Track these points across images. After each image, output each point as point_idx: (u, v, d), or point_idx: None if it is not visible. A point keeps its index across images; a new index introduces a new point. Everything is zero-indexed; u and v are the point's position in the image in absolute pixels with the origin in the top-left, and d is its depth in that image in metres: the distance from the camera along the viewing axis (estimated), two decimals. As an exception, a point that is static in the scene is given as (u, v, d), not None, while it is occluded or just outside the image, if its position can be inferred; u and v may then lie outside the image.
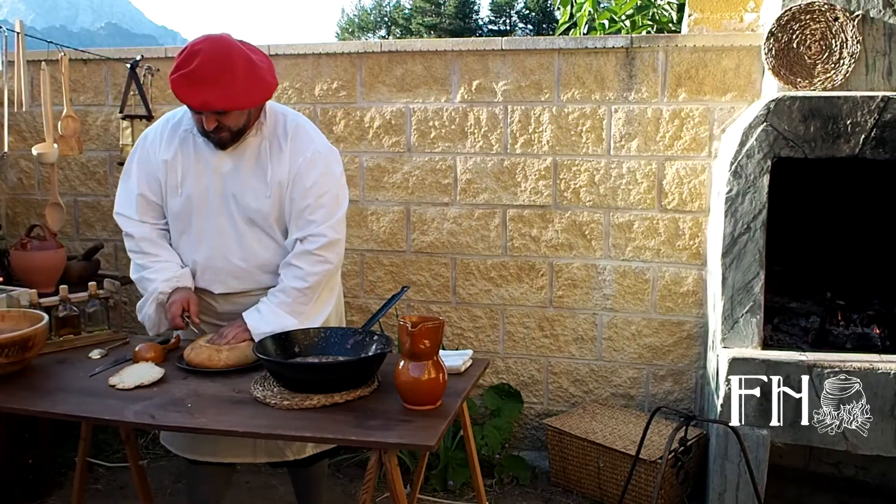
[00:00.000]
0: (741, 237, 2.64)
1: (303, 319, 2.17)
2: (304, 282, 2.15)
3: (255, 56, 2.07)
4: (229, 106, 2.01)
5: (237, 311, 2.22)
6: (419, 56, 3.38)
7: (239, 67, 1.99)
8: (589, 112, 3.25)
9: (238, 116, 2.07)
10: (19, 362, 1.94)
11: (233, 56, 2.00)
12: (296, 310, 2.16)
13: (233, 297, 2.27)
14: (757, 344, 2.64)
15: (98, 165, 3.77)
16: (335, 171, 2.23)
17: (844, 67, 2.68)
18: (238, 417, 1.73)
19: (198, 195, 2.19)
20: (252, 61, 2.04)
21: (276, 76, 2.14)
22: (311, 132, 2.24)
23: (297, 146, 2.17)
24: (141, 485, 2.45)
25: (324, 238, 2.15)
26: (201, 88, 1.97)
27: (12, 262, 3.10)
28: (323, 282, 2.20)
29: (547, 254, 3.36)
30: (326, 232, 2.15)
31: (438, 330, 1.73)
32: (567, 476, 3.11)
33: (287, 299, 2.15)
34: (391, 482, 1.68)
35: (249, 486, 3.14)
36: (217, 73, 1.96)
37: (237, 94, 1.99)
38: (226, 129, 2.08)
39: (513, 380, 3.45)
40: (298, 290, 2.15)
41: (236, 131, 2.11)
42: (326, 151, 2.22)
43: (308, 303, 2.18)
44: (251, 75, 2.02)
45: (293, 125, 2.20)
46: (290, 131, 2.19)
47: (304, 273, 2.15)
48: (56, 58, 3.31)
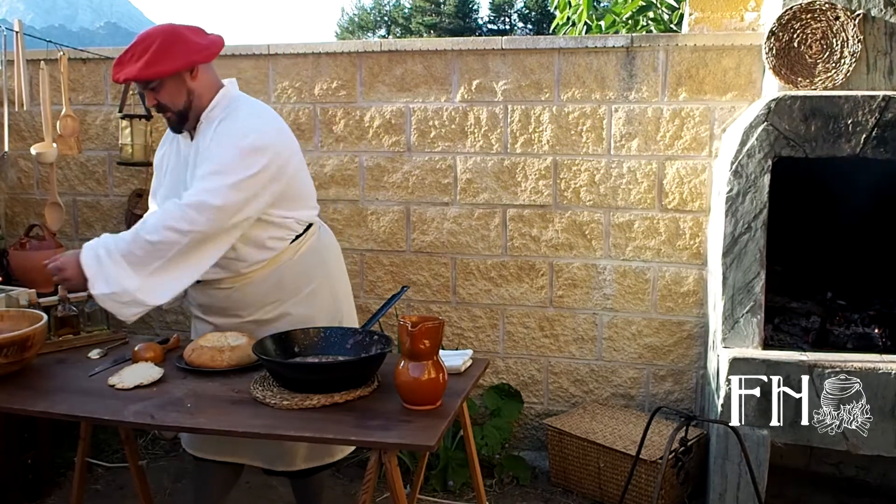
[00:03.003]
0: (742, 237, 2.64)
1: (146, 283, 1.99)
2: (155, 234, 1.98)
3: (191, 34, 2.12)
4: (135, 75, 2.05)
5: (210, 305, 2.26)
6: (419, 56, 3.38)
7: (159, 40, 2.05)
8: (589, 111, 3.24)
9: (172, 93, 2.11)
10: (18, 362, 1.94)
11: (159, 31, 2.08)
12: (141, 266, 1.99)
13: (205, 287, 2.24)
14: (757, 344, 2.64)
15: (97, 165, 3.77)
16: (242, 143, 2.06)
17: (845, 67, 2.67)
18: (237, 417, 1.72)
19: (172, 185, 2.24)
20: (177, 36, 2.08)
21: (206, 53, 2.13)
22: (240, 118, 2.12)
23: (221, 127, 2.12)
24: (140, 485, 2.45)
25: (194, 197, 2.01)
26: (120, 66, 2.08)
27: (11, 262, 3.10)
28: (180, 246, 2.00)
29: (547, 254, 3.35)
30: (200, 193, 2.01)
31: (438, 330, 1.73)
32: (567, 476, 3.10)
33: (136, 250, 1.99)
34: (391, 482, 1.67)
35: (249, 486, 3.13)
36: (136, 50, 2.06)
37: (147, 64, 2.04)
38: (166, 108, 2.13)
39: (513, 380, 3.44)
40: (149, 243, 1.99)
41: (177, 111, 2.14)
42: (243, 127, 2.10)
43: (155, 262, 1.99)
44: (169, 47, 2.06)
45: (232, 108, 2.15)
46: (224, 115, 2.14)
47: (160, 224, 1.99)
48: (55, 57, 3.31)
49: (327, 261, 2.38)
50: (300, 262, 2.27)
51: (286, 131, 2.23)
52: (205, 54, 2.12)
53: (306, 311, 2.28)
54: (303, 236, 2.27)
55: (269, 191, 2.10)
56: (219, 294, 2.23)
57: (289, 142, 2.21)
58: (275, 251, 2.21)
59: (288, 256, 2.24)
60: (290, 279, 2.25)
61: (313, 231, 2.33)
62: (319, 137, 3.52)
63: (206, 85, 2.15)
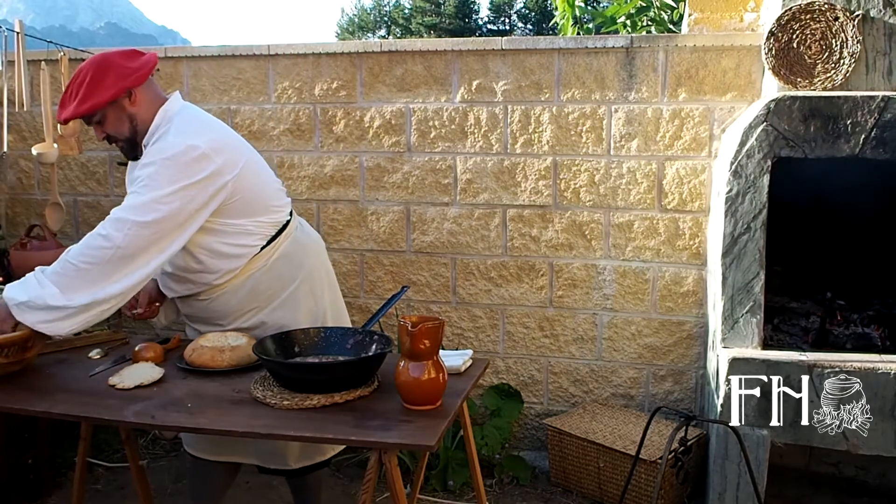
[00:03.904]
0: (741, 237, 2.64)
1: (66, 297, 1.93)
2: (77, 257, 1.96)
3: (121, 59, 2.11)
4: (71, 114, 2.07)
5: (192, 315, 2.29)
6: (419, 56, 3.38)
7: (87, 75, 2.06)
8: (589, 112, 3.25)
9: (115, 123, 2.11)
10: (19, 362, 1.94)
11: (84, 69, 2.08)
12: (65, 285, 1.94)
13: (187, 300, 2.26)
14: (757, 344, 2.64)
15: (98, 165, 3.77)
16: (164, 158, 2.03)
17: (844, 67, 2.67)
18: (238, 417, 1.72)
19: None
20: (107, 64, 2.07)
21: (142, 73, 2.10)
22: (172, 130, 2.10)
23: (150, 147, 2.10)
24: (141, 485, 2.45)
25: (116, 213, 1.99)
26: (62, 107, 2.11)
27: (12, 262, 3.10)
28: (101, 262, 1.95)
29: (547, 254, 3.36)
30: (121, 209, 2.00)
31: (438, 330, 1.73)
32: (567, 476, 3.10)
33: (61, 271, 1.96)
34: (391, 482, 1.68)
35: (249, 486, 3.14)
36: (72, 89, 2.08)
37: (81, 100, 2.06)
38: (114, 138, 2.15)
39: (513, 380, 3.45)
40: (72, 264, 1.95)
41: (125, 139, 2.14)
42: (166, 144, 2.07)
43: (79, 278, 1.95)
44: (98, 78, 2.06)
45: (164, 129, 2.12)
46: (158, 135, 2.12)
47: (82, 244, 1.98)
48: (56, 57, 3.31)
49: (304, 262, 2.32)
50: (274, 268, 2.23)
51: (225, 140, 2.16)
52: (136, 77, 2.09)
53: (286, 313, 2.25)
54: (275, 241, 2.23)
55: (202, 199, 2.05)
56: (198, 305, 2.25)
57: (227, 149, 2.13)
58: (243, 259, 2.18)
59: (261, 264, 2.21)
60: (265, 286, 2.22)
61: (287, 234, 2.27)
62: (320, 138, 3.53)
63: (146, 107, 2.12)
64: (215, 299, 2.22)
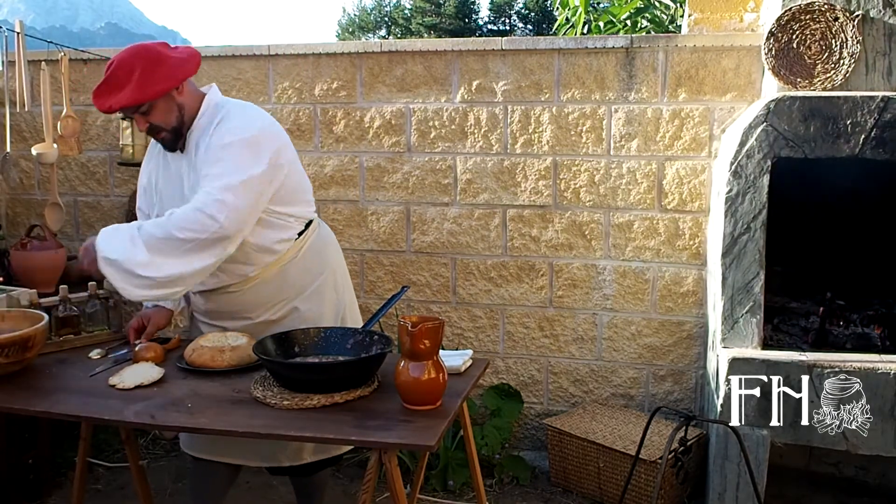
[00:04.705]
0: (741, 237, 2.64)
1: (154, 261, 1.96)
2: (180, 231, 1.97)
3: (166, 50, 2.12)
4: (129, 101, 2.05)
5: (217, 310, 2.27)
6: (419, 56, 3.38)
7: (140, 64, 2.05)
8: (589, 112, 3.25)
9: (164, 113, 2.11)
10: (19, 362, 1.94)
11: (136, 55, 2.07)
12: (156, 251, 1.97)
13: (211, 293, 2.26)
14: (757, 344, 2.64)
15: (98, 165, 3.77)
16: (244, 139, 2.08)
17: (844, 67, 2.68)
18: (238, 417, 1.72)
19: (167, 200, 2.23)
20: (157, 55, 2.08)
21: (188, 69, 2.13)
22: (233, 115, 2.14)
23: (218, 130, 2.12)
24: (141, 485, 2.45)
25: (213, 196, 1.99)
26: (107, 95, 2.07)
27: (12, 263, 3.10)
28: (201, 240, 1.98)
29: (547, 254, 3.36)
30: (217, 192, 2.00)
31: (438, 330, 1.73)
32: (567, 476, 3.11)
33: (157, 234, 1.98)
34: (391, 482, 1.68)
35: (249, 486, 3.14)
36: (119, 77, 2.06)
37: (137, 88, 2.05)
38: (159, 128, 2.13)
39: (513, 380, 3.45)
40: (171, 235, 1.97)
41: (171, 129, 2.14)
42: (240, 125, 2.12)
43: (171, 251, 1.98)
44: (153, 68, 2.06)
45: (223, 113, 2.15)
46: (216, 120, 2.14)
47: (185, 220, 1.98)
48: (56, 58, 3.31)
49: (328, 256, 2.41)
50: (303, 259, 2.30)
51: (277, 124, 2.27)
52: (188, 68, 2.13)
53: (313, 306, 2.31)
54: (304, 233, 2.30)
55: (273, 185, 2.12)
56: (226, 298, 2.25)
57: (281, 134, 2.24)
58: (279, 252, 2.24)
59: (292, 255, 2.27)
60: (295, 277, 2.28)
61: (314, 228, 2.36)
62: (320, 138, 3.53)
63: (191, 97, 2.17)
64: (246, 291, 2.24)
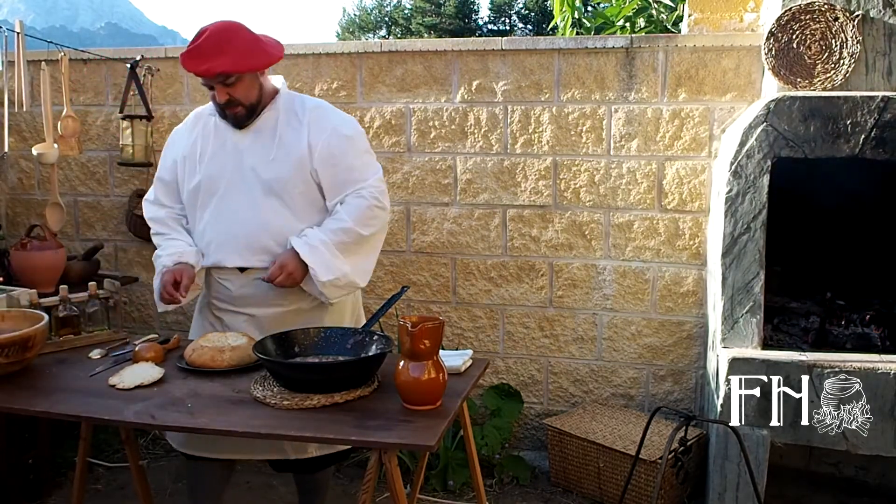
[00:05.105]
0: (741, 237, 2.64)
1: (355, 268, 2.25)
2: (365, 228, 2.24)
3: (260, 35, 2.23)
4: (230, 68, 2.12)
5: (251, 295, 2.28)
6: (419, 56, 3.38)
7: (239, 36, 2.14)
8: (589, 112, 3.25)
9: (247, 88, 2.19)
10: (19, 362, 1.94)
11: (233, 28, 2.16)
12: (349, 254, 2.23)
13: (249, 274, 2.27)
14: (757, 344, 2.64)
15: (98, 165, 3.77)
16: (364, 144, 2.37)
17: (844, 67, 2.68)
18: (238, 417, 1.72)
19: (216, 172, 2.28)
20: (254, 34, 2.19)
21: (281, 53, 2.27)
22: (330, 111, 2.34)
23: (317, 119, 2.27)
24: (141, 485, 2.44)
25: (377, 187, 2.29)
26: (205, 58, 2.11)
27: (12, 262, 3.10)
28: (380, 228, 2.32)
29: (547, 254, 3.36)
30: (378, 182, 2.30)
31: (438, 330, 1.73)
32: (567, 476, 3.11)
33: (346, 239, 2.22)
34: (391, 482, 1.68)
35: (249, 485, 3.14)
36: (218, 44, 2.11)
37: (238, 58, 2.13)
38: (238, 103, 2.20)
39: (513, 380, 3.45)
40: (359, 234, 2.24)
41: (249, 105, 2.22)
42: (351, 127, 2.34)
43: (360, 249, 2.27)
44: (252, 43, 2.17)
45: (312, 104, 2.34)
46: (308, 107, 2.30)
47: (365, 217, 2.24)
48: (56, 58, 3.31)
49: None
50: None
51: None
52: (277, 55, 2.25)
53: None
54: None
55: None
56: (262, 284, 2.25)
57: None
58: None
59: None
60: None
61: None
62: (320, 138, 3.52)
63: (267, 82, 2.29)
64: None
